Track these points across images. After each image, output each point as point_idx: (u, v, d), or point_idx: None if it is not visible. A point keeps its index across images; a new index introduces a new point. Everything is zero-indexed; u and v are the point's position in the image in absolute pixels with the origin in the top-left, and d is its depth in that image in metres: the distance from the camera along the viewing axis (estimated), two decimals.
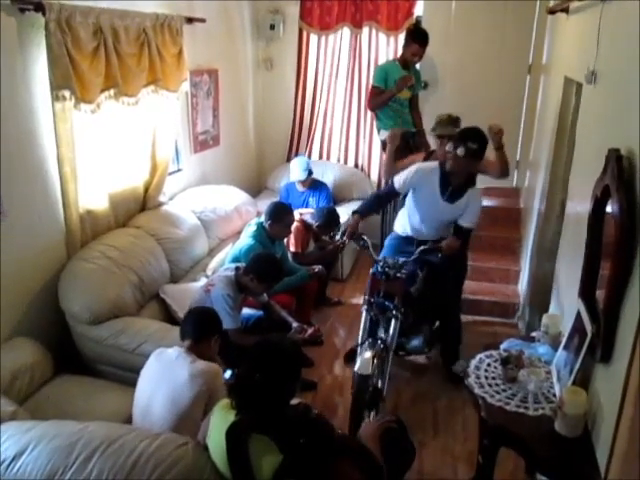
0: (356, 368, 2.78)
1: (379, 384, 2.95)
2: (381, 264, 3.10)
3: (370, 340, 2.98)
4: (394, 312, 3.00)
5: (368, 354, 2.84)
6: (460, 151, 3.01)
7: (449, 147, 3.08)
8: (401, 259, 3.15)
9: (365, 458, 1.79)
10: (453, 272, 3.46)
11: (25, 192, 2.82)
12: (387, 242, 3.61)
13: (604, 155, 1.86)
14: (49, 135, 2.90)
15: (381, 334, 3.05)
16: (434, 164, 3.27)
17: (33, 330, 2.89)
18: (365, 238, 3.26)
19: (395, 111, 4.59)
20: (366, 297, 3.14)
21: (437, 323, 3.69)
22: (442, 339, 3.63)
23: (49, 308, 3.01)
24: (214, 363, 2.38)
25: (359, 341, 3.05)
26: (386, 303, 3.03)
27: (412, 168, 3.31)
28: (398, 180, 3.31)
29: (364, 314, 3.08)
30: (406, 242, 3.42)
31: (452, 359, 3.52)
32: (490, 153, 3.33)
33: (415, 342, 3.53)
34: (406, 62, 4.52)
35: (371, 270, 3.17)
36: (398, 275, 3.05)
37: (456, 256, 3.25)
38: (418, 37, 4.43)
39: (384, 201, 3.53)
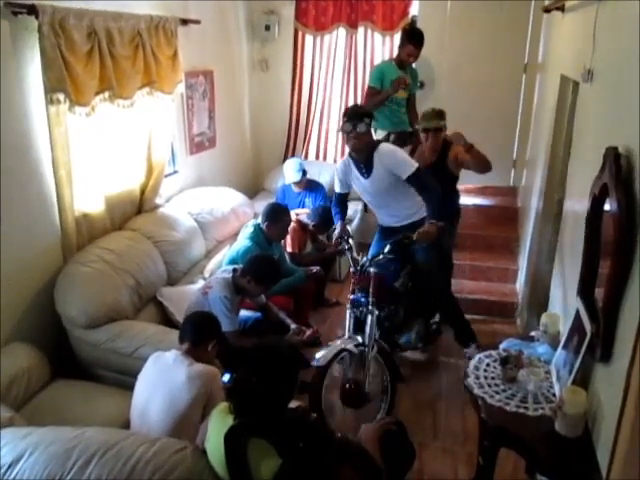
0: (314, 360, 2.80)
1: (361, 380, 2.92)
2: (358, 261, 3.11)
3: (346, 336, 2.99)
4: (369, 307, 2.98)
5: (332, 348, 2.85)
6: (361, 127, 3.10)
7: (346, 128, 3.13)
8: (373, 254, 3.18)
9: (364, 461, 1.79)
10: (436, 263, 3.45)
11: (20, 196, 2.81)
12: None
13: (602, 153, 1.85)
14: (44, 138, 2.89)
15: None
16: (345, 158, 3.43)
17: (29, 335, 2.88)
18: (351, 242, 3.26)
19: (392, 111, 4.59)
20: (349, 296, 3.15)
21: (434, 317, 3.73)
22: (451, 327, 3.69)
23: (45, 312, 2.99)
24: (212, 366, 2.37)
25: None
26: (362, 299, 3.03)
27: (337, 168, 3.54)
28: (335, 183, 3.54)
29: (347, 312, 3.09)
30: (387, 232, 3.44)
31: (465, 342, 3.57)
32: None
33: (406, 338, 3.54)
34: (402, 62, 4.52)
35: (351, 269, 3.19)
36: (370, 269, 3.05)
37: (434, 246, 3.24)
38: (413, 38, 4.43)
39: (342, 207, 3.56)
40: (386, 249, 3.09)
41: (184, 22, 3.92)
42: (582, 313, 2.03)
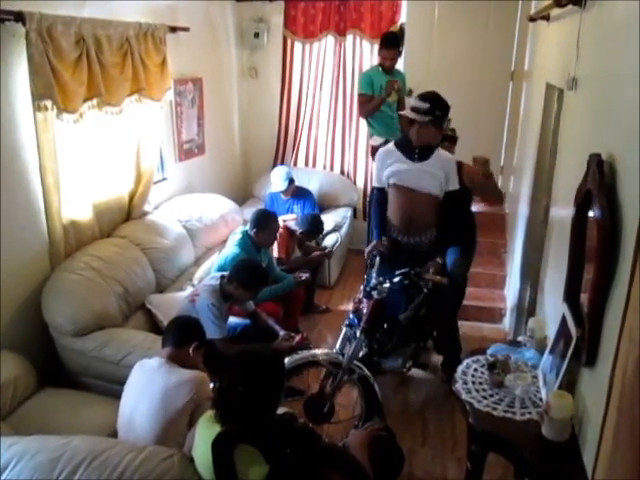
0: None
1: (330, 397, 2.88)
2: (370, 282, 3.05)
3: (334, 350, 2.96)
4: (356, 333, 2.91)
5: (303, 355, 2.84)
6: (440, 122, 3.09)
7: (420, 118, 3.07)
8: (386, 282, 3.02)
9: (351, 467, 1.79)
10: (452, 297, 3.41)
11: (7, 203, 2.79)
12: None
13: (585, 160, 1.87)
14: (31, 145, 2.87)
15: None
16: (390, 145, 3.32)
17: (16, 343, 2.85)
18: (377, 261, 3.18)
19: (388, 117, 4.61)
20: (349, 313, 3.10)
21: (421, 343, 3.62)
22: (442, 353, 3.64)
23: (32, 321, 2.97)
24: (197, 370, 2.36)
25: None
26: (355, 322, 2.98)
27: (376, 158, 3.37)
28: (375, 179, 3.39)
29: (343, 329, 3.05)
30: (397, 254, 3.27)
31: (451, 374, 3.48)
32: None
33: (392, 362, 3.37)
34: (384, 67, 4.57)
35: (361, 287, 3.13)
36: (373, 294, 2.97)
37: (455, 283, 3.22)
38: (384, 42, 4.54)
39: (383, 205, 3.39)
40: (396, 279, 2.99)
41: (173, 29, 3.92)
42: (568, 318, 2.05)
